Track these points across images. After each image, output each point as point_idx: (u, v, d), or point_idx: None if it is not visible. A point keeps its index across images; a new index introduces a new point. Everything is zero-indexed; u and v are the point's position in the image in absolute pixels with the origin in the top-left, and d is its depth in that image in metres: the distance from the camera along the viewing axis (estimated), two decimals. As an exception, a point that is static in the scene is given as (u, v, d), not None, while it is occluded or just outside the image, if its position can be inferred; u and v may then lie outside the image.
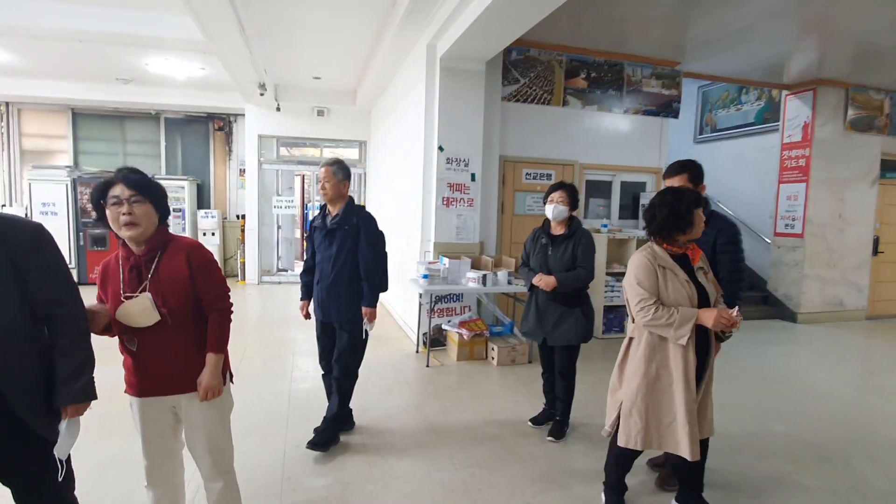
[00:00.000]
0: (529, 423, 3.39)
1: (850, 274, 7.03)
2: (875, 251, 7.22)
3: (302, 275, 3.19)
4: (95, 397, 1.59)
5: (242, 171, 9.11)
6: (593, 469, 2.77)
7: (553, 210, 3.09)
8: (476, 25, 4.04)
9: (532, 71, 5.52)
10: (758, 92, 7.55)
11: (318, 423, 3.03)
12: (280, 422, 3.33)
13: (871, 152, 7.00)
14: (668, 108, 6.08)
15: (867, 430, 3.50)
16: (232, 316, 1.92)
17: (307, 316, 3.17)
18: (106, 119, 9.06)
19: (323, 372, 3.20)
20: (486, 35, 4.32)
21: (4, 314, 1.44)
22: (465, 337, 4.72)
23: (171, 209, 1.91)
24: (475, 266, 4.80)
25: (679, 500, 2.38)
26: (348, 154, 9.20)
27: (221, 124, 9.33)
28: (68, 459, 1.59)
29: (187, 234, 8.49)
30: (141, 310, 1.71)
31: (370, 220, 2.99)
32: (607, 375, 2.46)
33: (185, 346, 1.81)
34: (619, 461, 2.35)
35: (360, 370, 3.14)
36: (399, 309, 6.18)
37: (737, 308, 2.11)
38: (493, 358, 4.70)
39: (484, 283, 4.60)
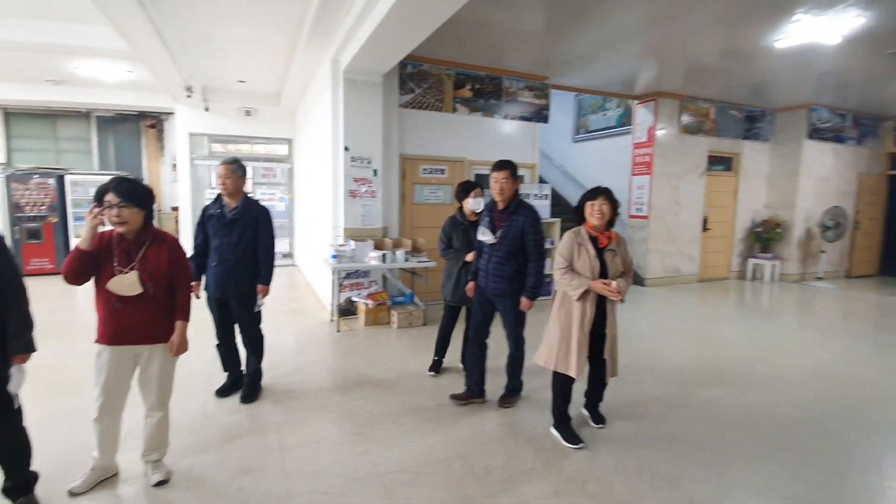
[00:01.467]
0: (430, 374, 3.83)
1: (684, 247, 8.15)
2: (704, 228, 8.40)
3: (194, 258, 3.21)
4: (35, 349, 2.00)
5: (175, 167, 8.95)
6: (445, 392, 3.36)
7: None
8: (369, 44, 4.38)
9: (425, 83, 5.97)
10: (618, 100, 8.46)
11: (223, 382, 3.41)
12: (202, 378, 3.64)
13: (700, 150, 8.09)
14: (539, 115, 6.77)
15: (699, 362, 4.37)
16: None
17: (198, 296, 3.21)
18: (38, 118, 8.55)
19: (218, 342, 3.36)
20: (379, 52, 4.67)
21: None
22: (370, 306, 5.19)
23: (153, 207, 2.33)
24: (377, 247, 5.25)
25: (586, 407, 3.10)
26: (277, 150, 9.27)
27: (153, 122, 9.08)
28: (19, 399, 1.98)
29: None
30: (129, 283, 2.16)
31: (267, 213, 3.31)
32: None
33: (156, 311, 2.26)
34: (563, 389, 2.83)
35: (278, 335, 3.55)
36: (318, 285, 6.53)
37: (615, 282, 2.61)
38: (393, 322, 5.21)
39: (384, 261, 5.08)
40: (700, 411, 3.31)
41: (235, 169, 3.17)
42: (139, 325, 2.21)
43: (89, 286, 2.21)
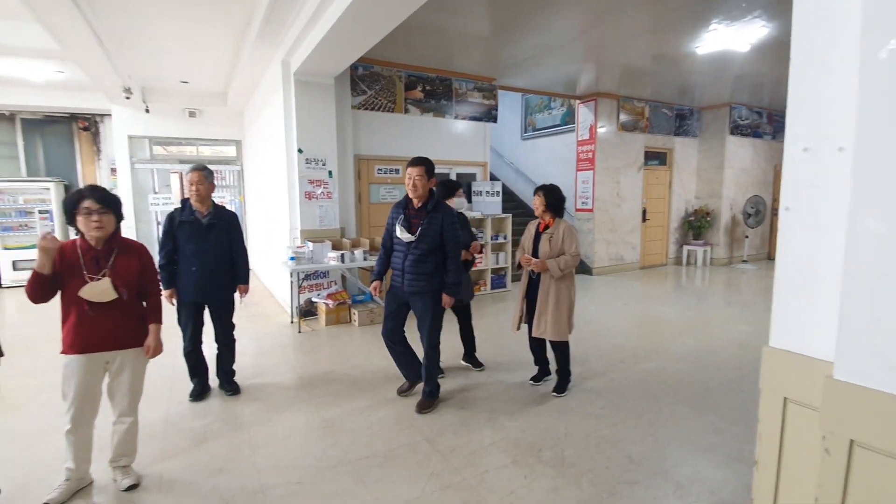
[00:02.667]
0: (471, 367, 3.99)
1: (626, 237, 8.76)
2: (644, 219, 9.05)
3: (165, 266, 3.25)
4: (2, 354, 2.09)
5: (114, 171, 8.53)
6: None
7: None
8: (321, 47, 4.45)
9: (377, 84, 6.10)
10: (561, 100, 8.93)
11: (192, 387, 3.47)
12: (163, 388, 3.64)
13: (637, 146, 8.71)
14: (488, 114, 7.07)
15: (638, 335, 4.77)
16: None
17: (172, 303, 3.27)
18: (-53, 120, 7.89)
19: (189, 349, 3.37)
20: (331, 55, 4.75)
21: None
22: (330, 306, 5.28)
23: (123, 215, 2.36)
24: (336, 247, 5.34)
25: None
26: (225, 152, 9.05)
27: (87, 124, 8.60)
28: None
29: (57, 234, 7.82)
30: (102, 290, 2.20)
31: (237, 217, 3.45)
32: (447, 326, 3.23)
33: (127, 316, 2.31)
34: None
35: (239, 340, 3.65)
36: (276, 288, 6.52)
37: (533, 260, 3.34)
38: (354, 320, 5.34)
39: (343, 261, 5.18)
40: (638, 382, 3.70)
41: (207, 175, 3.23)
42: (111, 331, 2.25)
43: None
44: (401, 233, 3.13)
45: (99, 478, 2.45)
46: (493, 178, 8.15)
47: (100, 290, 2.20)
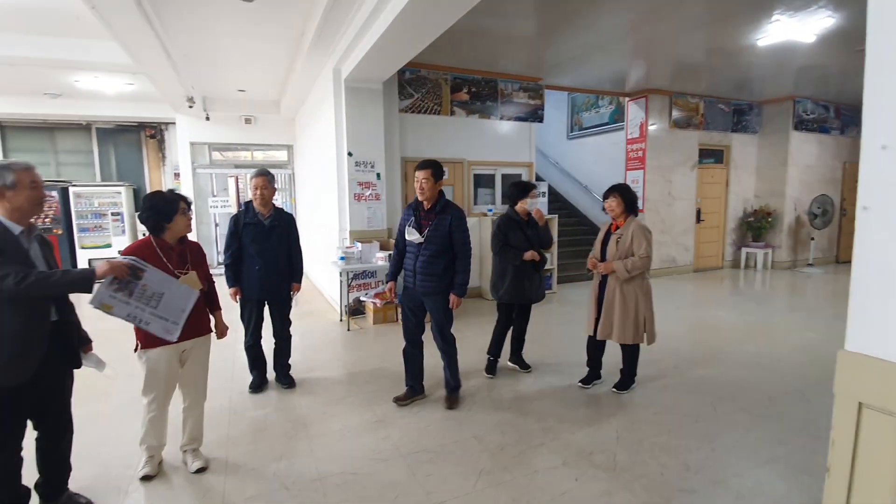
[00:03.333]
0: (487, 376, 3.85)
1: (679, 238, 8.46)
2: (698, 219, 8.71)
3: (231, 266, 3.46)
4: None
5: (177, 175, 9.15)
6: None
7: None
8: (370, 54, 4.63)
9: (423, 87, 6.23)
10: (609, 98, 8.75)
11: (252, 379, 3.68)
12: (225, 379, 3.89)
13: (690, 144, 8.39)
14: (534, 114, 7.04)
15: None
16: None
17: (235, 300, 3.54)
18: (35, 131, 8.74)
19: (251, 343, 3.60)
20: (379, 62, 4.92)
21: None
22: (378, 305, 5.44)
23: None
24: (383, 248, 5.50)
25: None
26: (277, 156, 9.50)
27: (153, 132, 9.28)
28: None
29: (126, 236, 8.49)
30: (193, 282, 2.43)
31: (294, 218, 3.68)
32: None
33: (198, 307, 2.50)
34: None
35: (293, 336, 3.82)
36: (325, 287, 6.78)
37: (602, 263, 3.37)
38: (401, 320, 5.45)
39: (390, 261, 5.32)
40: (694, 388, 3.59)
41: (270, 179, 3.46)
42: (190, 321, 2.43)
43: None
44: (410, 234, 3.16)
45: (169, 460, 2.66)
46: (538, 178, 8.11)
47: (193, 280, 2.43)
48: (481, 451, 2.74)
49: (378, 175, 5.71)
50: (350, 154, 5.54)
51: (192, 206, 2.54)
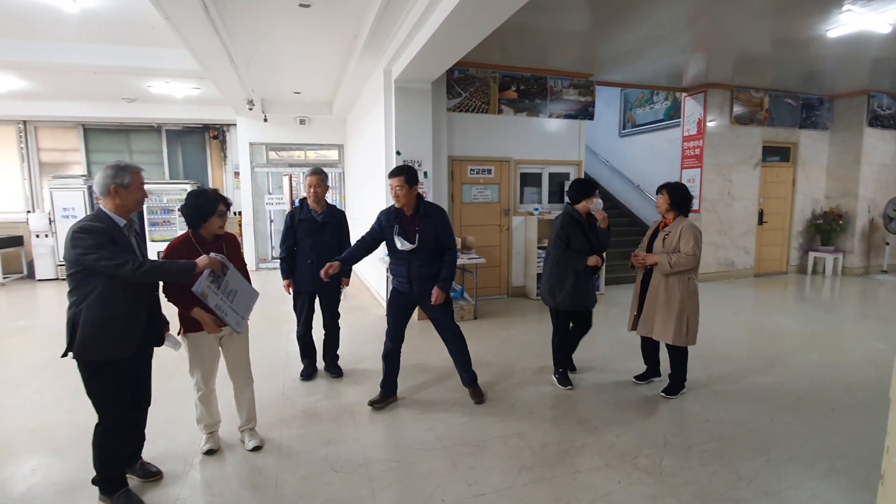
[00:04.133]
0: (568, 389, 3.63)
1: (738, 240, 8.04)
2: (760, 221, 8.25)
3: (286, 259, 3.68)
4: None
5: (237, 174, 9.72)
6: (496, 381, 3.66)
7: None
8: (420, 55, 4.73)
9: (471, 86, 6.29)
10: (665, 93, 8.44)
11: (303, 367, 3.90)
12: (279, 366, 4.14)
13: (753, 141, 7.95)
14: (584, 112, 6.92)
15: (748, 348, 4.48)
16: None
17: (289, 292, 3.76)
18: (113, 133, 9.55)
19: (302, 333, 3.80)
20: (428, 62, 5.01)
21: None
22: (423, 301, 5.55)
23: None
24: (429, 245, 5.60)
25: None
26: (328, 155, 9.87)
27: (216, 133, 9.89)
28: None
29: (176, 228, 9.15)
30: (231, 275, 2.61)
31: (345, 215, 3.86)
32: (538, 328, 3.33)
33: None
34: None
35: (343, 328, 4.00)
36: (373, 283, 6.99)
37: (646, 255, 3.39)
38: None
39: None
40: (749, 397, 3.45)
41: (324, 178, 3.66)
42: None
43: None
44: (401, 244, 3.12)
45: (227, 440, 2.87)
46: (587, 177, 7.97)
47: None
48: (523, 448, 2.78)
49: (425, 174, 5.82)
50: (398, 153, 5.68)
51: (230, 208, 2.69)
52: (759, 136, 7.99)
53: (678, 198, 3.35)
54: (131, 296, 2.18)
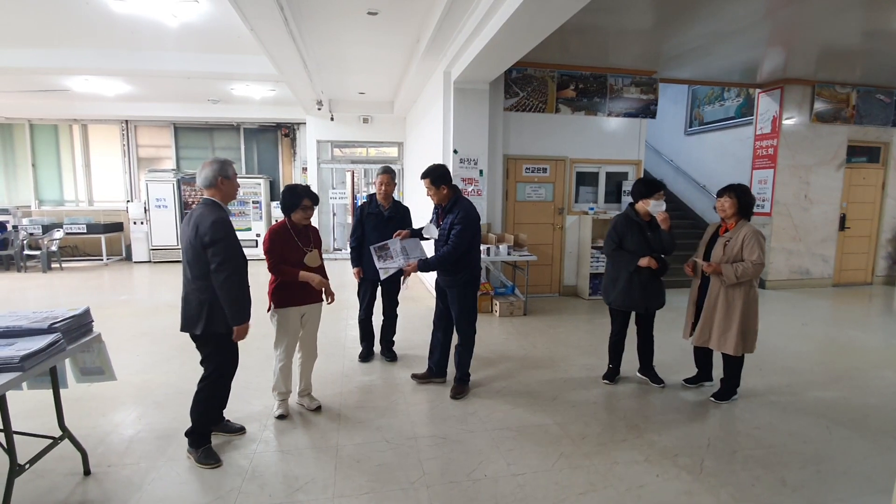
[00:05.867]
0: (605, 382, 3.73)
1: (815, 247, 7.52)
2: (842, 227, 7.66)
3: (356, 248, 4.02)
4: (242, 321, 2.68)
5: (305, 170, 10.40)
6: (542, 375, 3.78)
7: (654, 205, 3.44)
8: (479, 56, 4.90)
9: (529, 86, 6.38)
10: (738, 89, 8.04)
11: (361, 349, 4.23)
12: (339, 347, 4.50)
13: (837, 140, 7.39)
14: (646, 110, 6.78)
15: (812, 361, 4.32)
16: None
17: (357, 278, 4.09)
18: (199, 131, 10.55)
19: (363, 317, 4.14)
20: (487, 64, 5.17)
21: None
22: (474, 295, 5.75)
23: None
24: (482, 241, 5.78)
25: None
26: (388, 152, 10.30)
27: (287, 132, 10.63)
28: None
29: (263, 221, 9.91)
30: (315, 257, 3.06)
31: (409, 211, 4.15)
32: (588, 327, 3.44)
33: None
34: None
35: (399, 318, 4.29)
36: (426, 276, 7.27)
37: (709, 264, 3.27)
38: (496, 311, 5.72)
39: (488, 254, 5.60)
40: (808, 410, 3.33)
41: (393, 177, 3.98)
42: (310, 289, 3.01)
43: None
44: (430, 232, 3.50)
45: (292, 409, 3.23)
46: (647, 176, 7.78)
47: (314, 257, 3.02)
48: (562, 437, 2.90)
49: (481, 172, 6.01)
50: (455, 151, 5.90)
51: (316, 203, 3.05)
52: (843, 134, 7.42)
53: (746, 201, 3.25)
54: (245, 278, 2.57)
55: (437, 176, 3.35)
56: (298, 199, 2.97)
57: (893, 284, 7.84)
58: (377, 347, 4.31)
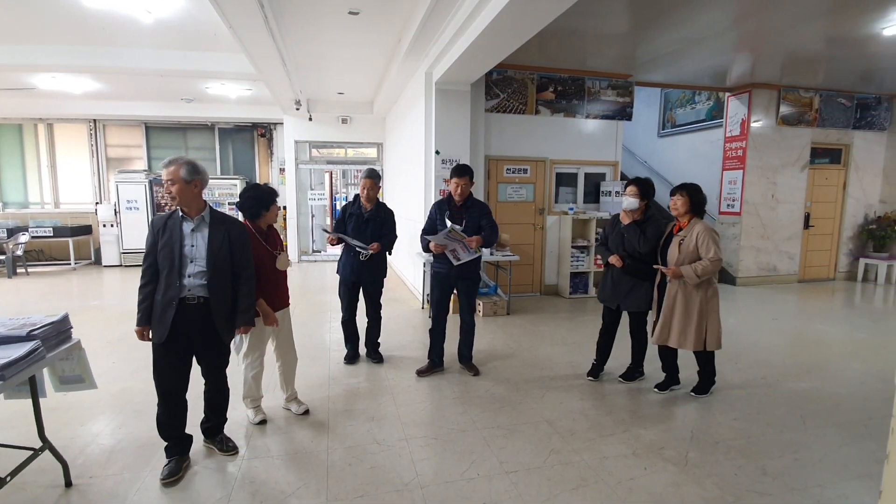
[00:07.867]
0: (589, 378, 3.79)
1: (781, 244, 7.83)
2: (806, 225, 7.99)
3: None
4: (254, 324, 2.70)
5: (282, 170, 10.21)
6: (525, 372, 3.82)
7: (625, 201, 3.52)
8: (461, 58, 4.91)
9: (509, 87, 6.43)
10: (707, 93, 8.30)
11: (346, 352, 4.19)
12: (324, 350, 4.44)
13: (801, 142, 7.71)
14: (622, 112, 6.93)
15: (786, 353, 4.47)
16: None
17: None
18: (172, 131, 10.24)
19: (346, 318, 4.10)
20: (469, 65, 5.19)
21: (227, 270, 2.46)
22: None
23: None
24: (465, 242, 5.80)
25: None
26: (367, 153, 10.22)
27: (264, 132, 10.43)
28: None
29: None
30: (286, 261, 2.99)
31: (393, 213, 4.09)
32: (570, 325, 3.48)
33: (284, 281, 3.04)
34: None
35: (383, 319, 4.27)
36: (409, 277, 7.25)
37: (669, 269, 3.29)
38: (479, 311, 5.75)
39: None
40: (783, 401, 3.46)
41: (377, 181, 3.93)
42: (278, 295, 2.97)
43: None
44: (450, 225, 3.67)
45: (271, 414, 3.17)
46: (623, 178, 7.95)
47: (285, 260, 2.97)
48: (552, 434, 2.94)
49: (463, 172, 6.01)
50: (437, 152, 5.90)
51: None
52: (807, 137, 7.75)
53: (698, 199, 3.27)
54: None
55: (472, 175, 3.82)
56: (272, 196, 2.90)
57: (855, 279, 8.23)
58: (363, 350, 4.27)
